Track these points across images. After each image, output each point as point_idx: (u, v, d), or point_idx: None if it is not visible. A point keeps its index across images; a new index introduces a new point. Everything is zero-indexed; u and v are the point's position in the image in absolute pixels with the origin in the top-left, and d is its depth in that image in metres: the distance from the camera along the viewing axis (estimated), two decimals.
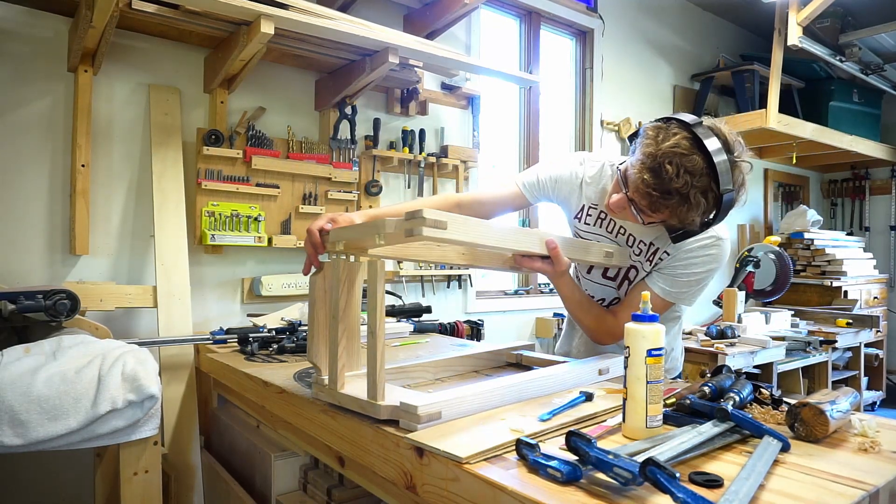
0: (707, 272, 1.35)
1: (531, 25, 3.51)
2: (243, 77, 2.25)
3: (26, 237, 1.96)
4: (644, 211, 1.21)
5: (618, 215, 1.32)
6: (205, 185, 2.22)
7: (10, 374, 1.27)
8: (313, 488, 1.47)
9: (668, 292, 1.36)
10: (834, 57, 3.91)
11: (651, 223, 1.25)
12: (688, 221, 1.18)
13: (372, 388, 1.04)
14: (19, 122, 1.95)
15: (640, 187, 1.17)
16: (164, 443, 1.97)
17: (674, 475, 0.70)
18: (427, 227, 0.94)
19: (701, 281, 1.36)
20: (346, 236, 1.12)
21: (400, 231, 0.97)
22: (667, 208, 1.16)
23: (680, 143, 1.12)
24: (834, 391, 1.00)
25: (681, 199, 1.13)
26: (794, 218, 4.83)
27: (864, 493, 0.73)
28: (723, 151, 1.13)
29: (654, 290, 1.36)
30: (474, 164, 3.01)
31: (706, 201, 1.14)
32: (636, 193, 1.19)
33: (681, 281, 1.36)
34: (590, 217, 1.47)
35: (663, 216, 1.20)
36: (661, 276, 1.37)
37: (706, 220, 1.20)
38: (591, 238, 1.46)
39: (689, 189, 1.11)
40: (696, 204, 1.13)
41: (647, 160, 1.14)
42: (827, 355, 3.54)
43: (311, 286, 1.19)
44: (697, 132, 1.13)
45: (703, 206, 1.15)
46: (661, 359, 0.93)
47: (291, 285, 2.43)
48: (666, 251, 1.35)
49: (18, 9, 1.94)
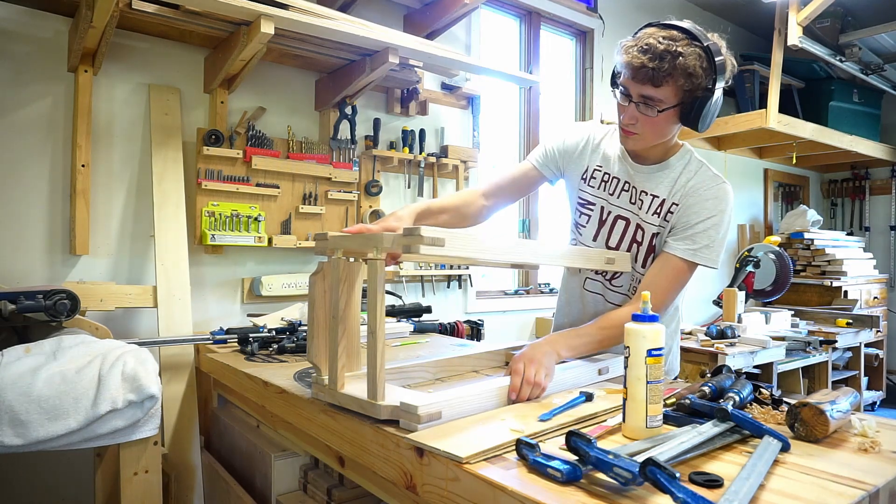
0: (720, 214, 1.34)
1: (531, 25, 3.51)
2: (243, 77, 2.25)
3: (26, 237, 1.96)
4: (651, 98, 1.24)
5: (634, 131, 1.32)
6: (205, 185, 2.22)
7: (11, 374, 1.27)
8: (313, 488, 1.47)
9: (693, 251, 1.33)
10: (834, 57, 3.91)
11: (664, 110, 1.25)
12: (694, 85, 1.22)
13: (372, 388, 1.04)
14: (19, 123, 1.95)
15: (636, 69, 1.23)
16: (164, 443, 1.97)
17: (674, 475, 0.70)
18: (425, 244, 0.95)
19: (718, 226, 1.34)
20: (345, 245, 1.12)
21: (398, 247, 0.98)
22: (668, 76, 1.21)
23: (652, 30, 1.26)
24: (834, 391, 1.00)
25: (672, 58, 1.20)
26: (794, 218, 4.83)
27: (864, 493, 0.73)
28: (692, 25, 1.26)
29: (677, 256, 1.33)
30: (474, 163, 3.01)
31: (699, 53, 1.22)
32: (634, 81, 1.25)
33: (699, 233, 1.33)
34: (594, 180, 1.47)
35: (670, 90, 1.23)
36: (678, 239, 1.35)
37: (710, 81, 1.23)
38: (595, 201, 1.47)
39: (675, 46, 1.21)
40: (690, 58, 1.21)
41: (631, 48, 1.24)
42: (827, 355, 3.54)
43: (311, 286, 1.19)
44: (663, 21, 1.27)
45: (698, 60, 1.21)
46: (661, 359, 0.93)
47: (291, 285, 2.43)
48: (674, 202, 1.36)
49: (18, 9, 1.94)
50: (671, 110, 1.27)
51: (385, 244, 1.01)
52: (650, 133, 1.32)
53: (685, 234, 1.34)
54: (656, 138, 1.34)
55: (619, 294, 1.48)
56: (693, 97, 1.25)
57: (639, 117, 1.29)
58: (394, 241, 1.00)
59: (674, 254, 1.34)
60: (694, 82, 1.23)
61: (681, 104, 1.26)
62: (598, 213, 1.47)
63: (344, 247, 1.12)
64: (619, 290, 1.48)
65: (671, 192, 1.37)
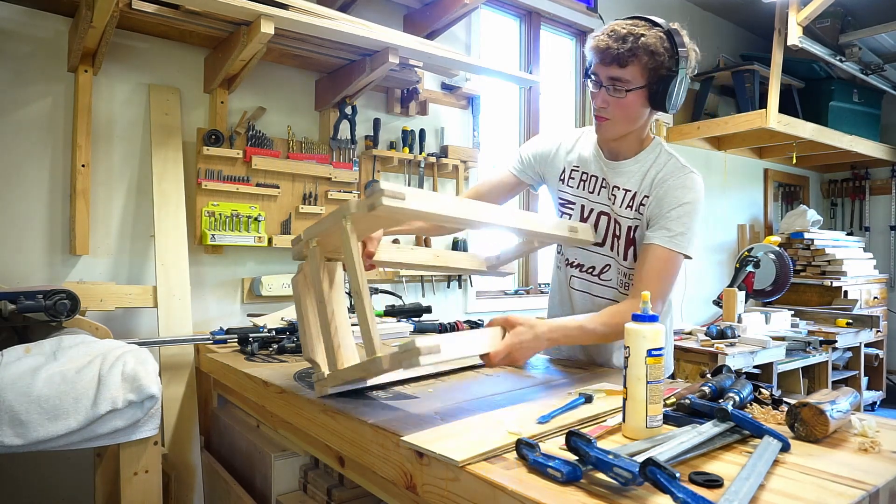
0: (693, 203, 1.39)
1: (531, 25, 3.51)
2: (243, 77, 2.25)
3: (26, 237, 1.96)
4: (619, 79, 1.31)
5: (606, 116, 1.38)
6: (205, 185, 2.22)
7: (11, 374, 1.27)
8: (313, 488, 1.47)
9: (670, 238, 1.36)
10: (834, 57, 3.90)
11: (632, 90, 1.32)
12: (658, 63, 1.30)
13: (369, 345, 1.05)
14: (19, 122, 1.95)
15: (602, 52, 1.31)
16: (164, 443, 1.97)
17: (674, 475, 0.70)
18: (386, 197, 0.98)
19: (692, 214, 1.38)
20: (316, 231, 1.15)
21: (363, 208, 1.02)
22: (633, 55, 1.29)
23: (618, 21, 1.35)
24: (834, 391, 1.00)
25: (635, 38, 1.28)
26: (794, 218, 4.83)
27: (864, 493, 0.73)
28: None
29: (658, 245, 1.36)
30: (474, 164, 3.01)
31: (661, 36, 1.30)
32: (602, 64, 1.32)
33: (674, 220, 1.36)
34: (572, 180, 1.53)
35: (635, 70, 1.31)
36: (655, 229, 1.38)
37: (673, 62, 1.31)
38: (575, 200, 1.52)
39: (638, 29, 1.30)
40: (651, 38, 1.29)
41: (597, 36, 1.33)
42: (827, 355, 3.54)
43: (294, 287, 1.22)
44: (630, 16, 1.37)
45: (660, 41, 1.30)
46: (661, 359, 0.93)
47: (291, 285, 2.43)
48: (645, 195, 1.41)
49: (18, 9, 1.94)
50: (639, 91, 1.33)
51: (352, 209, 1.05)
52: (621, 117, 1.37)
53: (660, 224, 1.37)
54: (627, 122, 1.39)
55: (607, 288, 1.50)
56: (658, 76, 1.31)
57: (609, 100, 1.35)
58: (358, 204, 1.03)
59: (652, 243, 1.36)
60: (657, 60, 1.30)
61: (647, 85, 1.32)
62: (579, 212, 1.51)
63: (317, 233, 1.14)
64: (608, 285, 1.50)
65: (641, 185, 1.42)
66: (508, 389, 1.26)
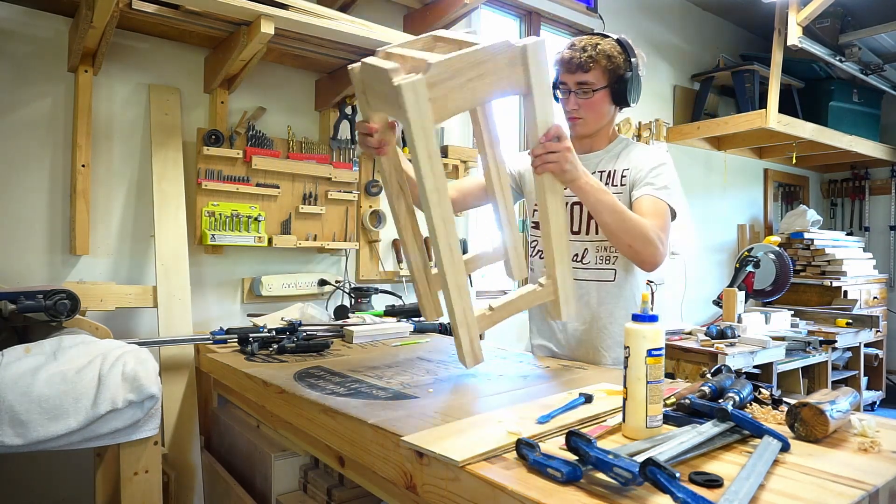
0: (667, 164, 1.57)
1: (531, 25, 3.51)
2: (243, 77, 2.25)
3: (26, 237, 1.96)
4: (585, 82, 1.53)
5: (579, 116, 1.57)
6: (205, 185, 2.22)
7: (11, 374, 1.27)
8: (313, 488, 1.47)
9: (656, 190, 1.52)
10: (834, 57, 3.90)
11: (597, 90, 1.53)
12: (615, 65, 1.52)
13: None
14: (19, 122, 1.95)
15: (567, 62, 1.53)
16: (164, 443, 1.97)
17: (674, 475, 0.70)
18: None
19: (669, 173, 1.56)
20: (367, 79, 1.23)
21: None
22: (593, 61, 1.51)
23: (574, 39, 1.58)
24: (834, 391, 1.00)
25: (593, 47, 1.52)
26: (794, 218, 4.83)
27: (863, 493, 0.73)
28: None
29: (647, 195, 1.52)
30: (474, 163, 3.01)
31: (614, 44, 1.53)
32: (569, 73, 1.54)
33: (655, 176, 1.54)
34: None
35: (597, 73, 1.52)
36: (640, 187, 1.54)
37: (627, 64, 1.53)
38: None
39: (593, 41, 1.54)
40: (607, 45, 1.52)
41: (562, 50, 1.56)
42: (827, 355, 3.54)
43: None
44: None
45: (614, 48, 1.53)
46: (661, 359, 0.93)
47: (291, 285, 2.43)
48: (626, 168, 1.58)
49: (18, 9, 1.94)
50: (603, 90, 1.54)
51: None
52: (591, 115, 1.58)
53: (644, 182, 1.54)
54: (597, 119, 1.60)
55: (587, 270, 1.60)
56: (617, 76, 1.53)
57: (580, 103, 1.56)
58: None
59: (642, 196, 1.52)
60: (614, 62, 1.52)
61: (609, 85, 1.53)
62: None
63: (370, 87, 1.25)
64: (588, 267, 1.61)
65: (617, 163, 1.60)
66: (508, 389, 1.26)
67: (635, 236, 1.42)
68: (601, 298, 1.60)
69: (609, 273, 1.59)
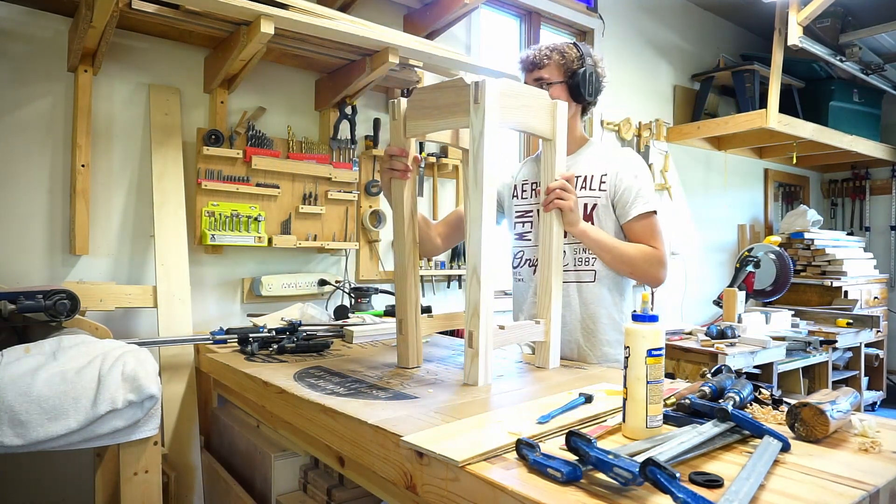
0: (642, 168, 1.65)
1: (531, 25, 3.51)
2: (243, 77, 2.25)
3: (26, 237, 1.96)
4: (542, 78, 1.65)
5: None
6: (205, 185, 2.22)
7: (11, 374, 1.27)
8: (313, 488, 1.47)
9: (646, 203, 1.60)
10: (834, 57, 3.90)
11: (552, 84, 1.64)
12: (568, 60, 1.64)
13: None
14: (19, 122, 1.95)
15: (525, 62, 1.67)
16: (164, 443, 1.97)
17: (674, 475, 0.70)
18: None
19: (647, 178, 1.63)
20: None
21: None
22: (547, 58, 1.64)
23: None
24: (834, 391, 1.00)
25: (547, 47, 1.66)
26: (795, 218, 4.82)
27: (864, 493, 0.73)
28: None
29: (642, 213, 1.59)
30: None
31: (569, 46, 1.66)
32: (527, 72, 1.68)
33: (639, 189, 1.60)
34: (525, 192, 1.75)
35: (552, 69, 1.64)
36: (631, 206, 1.60)
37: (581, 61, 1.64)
38: (531, 208, 1.73)
39: (550, 44, 1.67)
40: (561, 46, 1.65)
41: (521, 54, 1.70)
42: (827, 355, 3.54)
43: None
44: None
45: (566, 45, 1.66)
46: (661, 359, 0.93)
47: (291, 285, 2.43)
48: (604, 173, 1.64)
49: (18, 9, 1.94)
50: (558, 85, 1.64)
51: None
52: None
53: (631, 202, 1.60)
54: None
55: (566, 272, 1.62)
56: (572, 71, 1.64)
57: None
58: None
59: (639, 214, 1.59)
60: (567, 57, 1.64)
61: (564, 80, 1.64)
62: (537, 216, 1.64)
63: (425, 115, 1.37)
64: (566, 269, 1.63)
65: (592, 167, 1.65)
66: (508, 389, 1.26)
67: (636, 267, 1.58)
68: (583, 299, 1.63)
69: (588, 274, 1.64)
